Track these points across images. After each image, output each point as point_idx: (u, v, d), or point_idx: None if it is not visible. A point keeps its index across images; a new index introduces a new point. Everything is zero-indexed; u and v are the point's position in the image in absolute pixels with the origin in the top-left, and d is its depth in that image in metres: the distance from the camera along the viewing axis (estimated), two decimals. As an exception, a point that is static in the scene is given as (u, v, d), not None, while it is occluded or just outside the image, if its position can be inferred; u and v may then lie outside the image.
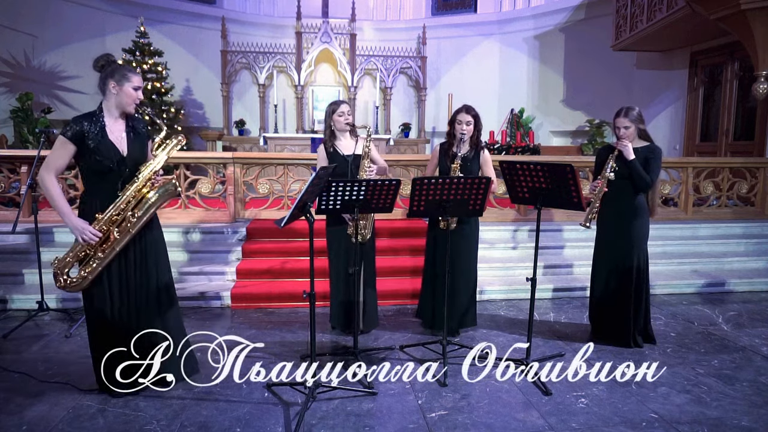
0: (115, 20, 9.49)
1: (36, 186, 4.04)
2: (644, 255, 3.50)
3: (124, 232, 2.59)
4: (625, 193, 3.41)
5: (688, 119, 8.27)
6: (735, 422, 2.56)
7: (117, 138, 2.61)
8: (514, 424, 2.56)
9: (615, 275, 3.49)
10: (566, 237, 5.52)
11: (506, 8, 10.90)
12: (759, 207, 6.16)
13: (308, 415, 2.58)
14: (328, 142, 3.63)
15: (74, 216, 2.56)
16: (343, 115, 3.55)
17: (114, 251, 2.59)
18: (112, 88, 2.60)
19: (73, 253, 2.60)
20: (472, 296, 3.74)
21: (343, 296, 3.64)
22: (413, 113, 11.27)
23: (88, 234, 2.52)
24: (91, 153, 2.53)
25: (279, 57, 10.51)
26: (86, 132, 2.52)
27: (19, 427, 2.47)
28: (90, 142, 2.52)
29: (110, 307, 2.66)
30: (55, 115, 8.61)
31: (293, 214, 2.63)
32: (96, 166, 2.55)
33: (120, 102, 2.62)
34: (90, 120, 2.57)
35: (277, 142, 9.87)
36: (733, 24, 6.05)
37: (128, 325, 2.69)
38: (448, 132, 3.67)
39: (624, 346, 3.47)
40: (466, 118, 3.52)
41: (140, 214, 2.61)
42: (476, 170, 3.62)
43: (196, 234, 5.07)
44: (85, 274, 2.59)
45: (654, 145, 3.44)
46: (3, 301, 4.21)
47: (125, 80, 2.59)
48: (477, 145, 3.62)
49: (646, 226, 3.49)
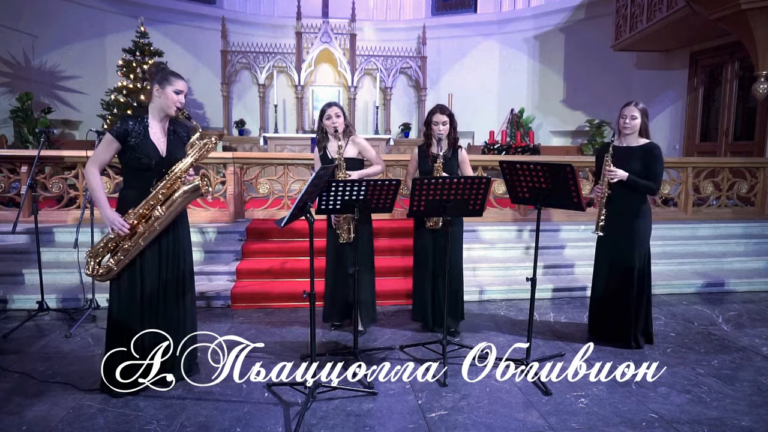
0: (115, 20, 9.49)
1: (36, 186, 4.04)
2: (646, 255, 3.48)
3: (151, 227, 2.69)
4: (627, 192, 3.39)
5: (688, 119, 8.27)
6: (735, 422, 2.56)
7: (158, 139, 2.75)
8: (514, 424, 2.56)
9: (616, 275, 3.48)
10: (566, 237, 5.53)
11: (506, 8, 10.89)
12: (759, 207, 6.16)
13: (308, 415, 2.58)
14: (321, 144, 3.70)
15: (109, 208, 2.68)
16: (330, 118, 3.57)
17: (140, 245, 2.69)
18: (156, 91, 2.74)
19: (104, 242, 2.72)
20: (461, 292, 3.77)
21: (329, 293, 3.73)
22: (413, 113, 11.27)
23: (117, 225, 2.63)
24: (132, 150, 2.67)
25: (279, 57, 10.51)
26: (130, 131, 2.67)
27: (19, 427, 2.47)
28: (132, 140, 2.67)
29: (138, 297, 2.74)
30: (55, 115, 8.62)
31: (293, 214, 2.63)
32: (135, 163, 2.69)
33: (162, 104, 2.74)
34: (136, 120, 2.73)
35: (277, 142, 9.86)
36: (733, 24, 6.05)
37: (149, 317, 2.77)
38: (424, 133, 3.71)
39: (624, 347, 3.47)
40: (441, 119, 3.55)
41: (167, 212, 2.69)
42: (455, 169, 3.65)
43: (196, 234, 5.07)
44: (112, 264, 2.69)
45: (652, 145, 3.40)
46: (3, 301, 4.21)
47: (167, 83, 2.71)
48: (455, 143, 3.65)
49: (648, 226, 3.47)
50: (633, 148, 3.40)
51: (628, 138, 3.43)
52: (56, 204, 5.26)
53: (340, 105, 3.70)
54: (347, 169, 3.54)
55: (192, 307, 3.00)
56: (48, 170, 5.31)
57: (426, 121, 3.67)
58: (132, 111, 8.09)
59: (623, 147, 3.43)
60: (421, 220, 3.64)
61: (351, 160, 3.61)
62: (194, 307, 3.04)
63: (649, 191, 3.38)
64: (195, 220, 5.31)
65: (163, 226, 2.71)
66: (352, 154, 3.64)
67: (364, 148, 3.70)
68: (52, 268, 4.48)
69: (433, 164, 3.56)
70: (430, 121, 3.61)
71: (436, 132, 3.55)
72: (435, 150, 3.60)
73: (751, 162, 6.28)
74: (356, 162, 3.66)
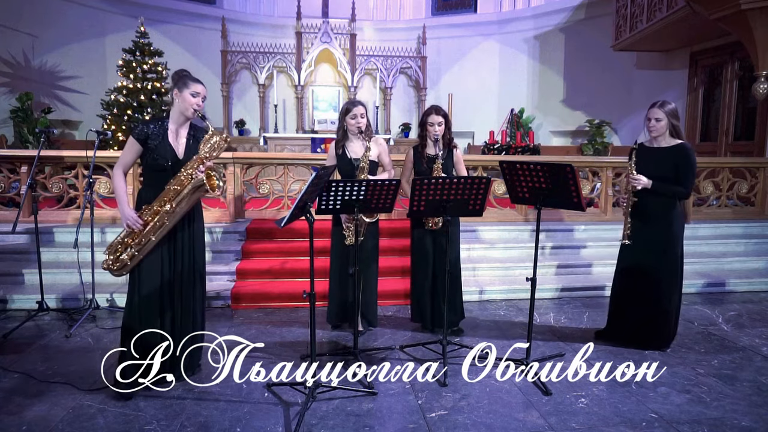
0: (115, 20, 9.48)
1: (36, 186, 4.05)
2: (678, 258, 3.36)
3: (160, 221, 2.74)
4: (654, 199, 3.30)
5: (688, 119, 8.26)
6: (735, 422, 2.56)
7: (176, 141, 2.83)
8: (514, 424, 2.56)
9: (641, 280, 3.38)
10: (568, 237, 5.53)
11: (506, 8, 10.89)
12: (759, 207, 6.16)
13: (308, 415, 2.58)
14: (339, 143, 3.61)
15: (127, 206, 2.78)
16: (355, 118, 3.49)
17: (150, 240, 2.74)
18: (175, 95, 2.82)
19: (120, 238, 2.80)
20: (460, 291, 3.76)
21: (336, 294, 3.69)
22: (413, 113, 11.26)
23: (131, 220, 2.73)
24: (150, 152, 2.78)
25: (279, 57, 10.50)
26: (150, 133, 2.77)
27: (19, 427, 2.47)
28: (152, 142, 2.77)
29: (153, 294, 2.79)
30: (55, 115, 8.61)
31: (293, 214, 2.63)
32: (153, 163, 2.79)
33: (181, 107, 2.81)
34: (156, 123, 2.82)
35: (277, 142, 9.87)
36: (733, 24, 6.05)
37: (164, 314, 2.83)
38: (419, 135, 3.71)
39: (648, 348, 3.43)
40: (437, 119, 3.53)
41: (176, 207, 2.74)
42: (450, 169, 3.65)
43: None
44: (126, 257, 2.75)
45: (684, 146, 3.27)
46: (3, 301, 4.21)
47: (185, 86, 2.78)
48: (449, 143, 3.64)
49: (679, 230, 3.34)
50: (663, 149, 3.31)
51: (658, 139, 3.34)
52: (56, 204, 5.26)
53: (364, 104, 3.64)
54: (371, 171, 3.49)
55: (203, 304, 3.07)
56: (48, 170, 5.31)
57: (421, 122, 3.66)
58: (132, 111, 8.09)
59: (653, 148, 3.36)
60: (419, 221, 3.63)
61: (374, 163, 3.56)
62: (204, 304, 3.10)
63: (679, 196, 3.26)
64: (195, 220, 5.31)
65: (173, 221, 2.76)
66: (374, 156, 3.55)
67: (385, 151, 3.64)
68: (52, 268, 4.48)
69: (429, 165, 3.55)
70: (425, 122, 3.59)
71: (432, 133, 3.54)
72: (432, 151, 3.58)
73: (751, 162, 6.28)
74: (374, 165, 3.59)
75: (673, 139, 3.32)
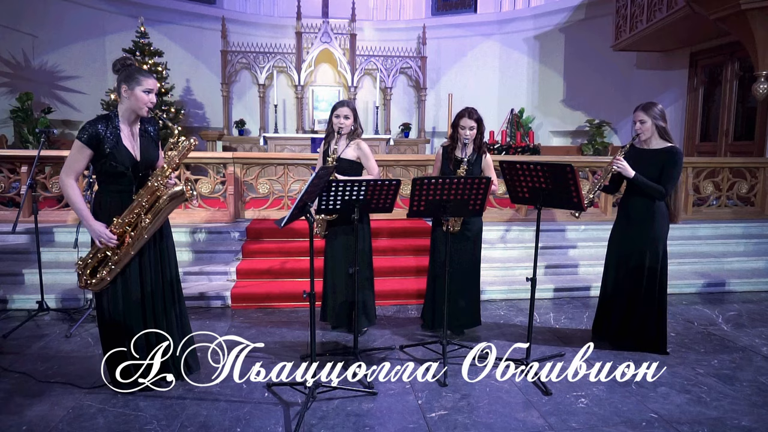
0: (115, 20, 9.48)
1: (36, 186, 4.04)
2: (661, 258, 3.37)
3: (139, 236, 2.64)
4: (637, 196, 3.33)
5: (688, 119, 8.27)
6: (735, 422, 2.56)
7: (130, 143, 2.65)
8: (514, 424, 2.56)
9: (625, 277, 3.41)
10: (569, 237, 5.53)
11: (506, 8, 10.89)
12: (759, 207, 6.16)
13: (308, 415, 2.58)
14: (326, 139, 3.69)
15: (93, 219, 2.60)
16: (338, 117, 3.56)
17: (129, 255, 2.64)
18: (124, 92, 2.60)
19: (92, 254, 2.67)
20: (477, 297, 3.73)
21: (330, 294, 3.72)
22: (413, 113, 11.27)
23: (105, 237, 2.57)
24: (106, 158, 2.57)
25: (279, 57, 10.50)
26: (102, 136, 2.55)
27: (19, 427, 2.47)
28: (106, 147, 2.55)
29: (122, 306, 2.70)
30: (55, 115, 8.61)
31: (293, 214, 2.63)
32: (110, 169, 2.59)
33: (132, 106, 2.62)
34: (105, 124, 2.59)
35: (277, 142, 9.87)
36: (733, 24, 6.05)
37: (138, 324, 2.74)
38: (450, 135, 3.66)
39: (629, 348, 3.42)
40: (469, 124, 3.46)
41: (154, 219, 2.64)
42: (478, 173, 3.61)
43: (196, 234, 5.07)
44: (104, 274, 2.65)
45: (673, 148, 3.26)
46: (3, 301, 4.21)
47: (136, 83, 2.58)
48: (480, 148, 3.58)
49: (661, 227, 3.35)
50: (652, 151, 3.31)
51: (647, 141, 3.34)
52: (56, 204, 5.26)
53: (353, 106, 3.65)
54: (343, 170, 3.53)
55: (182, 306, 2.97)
56: (48, 170, 5.31)
57: (453, 123, 3.58)
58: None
59: (643, 149, 3.36)
60: (438, 221, 3.61)
61: (349, 162, 3.59)
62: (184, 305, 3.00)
63: (656, 194, 3.26)
64: (194, 220, 5.32)
65: (151, 233, 2.66)
66: (351, 156, 3.60)
67: (365, 155, 3.63)
68: (52, 268, 4.48)
69: (455, 168, 3.50)
70: (457, 124, 3.53)
71: (463, 136, 3.47)
72: (460, 153, 3.53)
73: (751, 162, 6.27)
74: (355, 165, 3.62)
75: (664, 141, 3.32)
